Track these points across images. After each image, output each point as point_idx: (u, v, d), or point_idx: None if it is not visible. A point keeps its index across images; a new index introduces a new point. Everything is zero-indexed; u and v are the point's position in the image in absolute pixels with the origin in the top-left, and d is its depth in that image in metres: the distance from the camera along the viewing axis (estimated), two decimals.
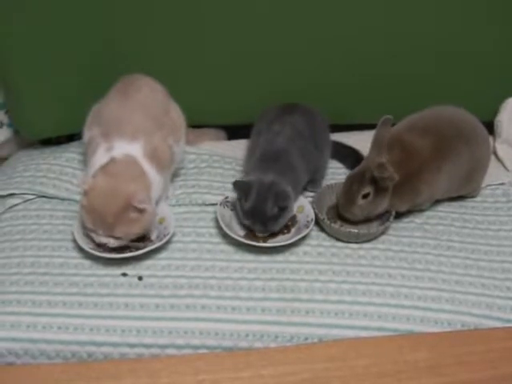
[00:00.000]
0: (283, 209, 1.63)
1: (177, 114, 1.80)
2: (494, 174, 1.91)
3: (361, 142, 1.96)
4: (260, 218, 1.62)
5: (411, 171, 1.67)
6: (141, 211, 1.53)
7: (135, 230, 1.56)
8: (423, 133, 1.71)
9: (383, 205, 1.68)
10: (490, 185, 1.90)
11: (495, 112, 2.05)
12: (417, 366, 1.37)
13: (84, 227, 1.59)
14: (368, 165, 1.65)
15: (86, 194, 1.53)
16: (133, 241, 1.58)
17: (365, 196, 1.65)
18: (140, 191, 1.54)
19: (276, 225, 1.64)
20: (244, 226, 1.69)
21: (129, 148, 1.62)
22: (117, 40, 1.89)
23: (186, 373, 1.36)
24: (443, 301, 1.54)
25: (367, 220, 1.72)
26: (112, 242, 1.55)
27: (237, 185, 1.66)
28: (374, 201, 1.66)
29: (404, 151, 1.68)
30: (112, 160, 1.60)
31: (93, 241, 1.59)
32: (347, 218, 1.71)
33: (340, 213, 1.71)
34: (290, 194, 1.65)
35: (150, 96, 1.73)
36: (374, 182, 1.63)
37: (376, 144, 1.66)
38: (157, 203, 1.66)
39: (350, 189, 1.67)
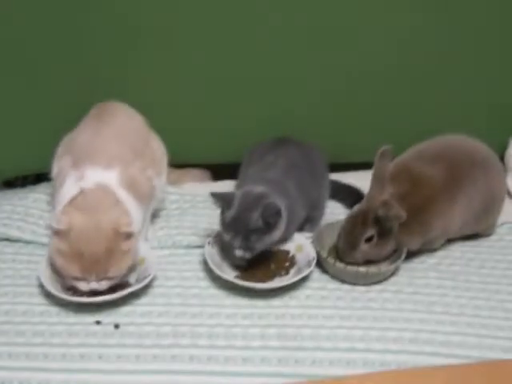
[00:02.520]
0: (270, 225, 1.44)
1: (157, 145, 1.64)
2: (507, 211, 1.74)
3: (358, 181, 1.81)
4: (241, 231, 1.43)
5: (421, 203, 1.50)
6: (130, 237, 1.36)
7: (129, 263, 1.40)
8: (433, 160, 1.56)
9: (388, 248, 1.51)
10: (505, 223, 1.74)
11: (505, 146, 1.92)
12: None
13: (62, 276, 1.40)
14: (370, 204, 1.47)
15: (61, 236, 1.34)
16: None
17: (368, 240, 1.48)
18: (122, 215, 1.38)
19: (259, 242, 1.44)
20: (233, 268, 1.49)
21: (102, 176, 1.44)
22: (91, 76, 1.75)
23: None
24: (469, 346, 1.35)
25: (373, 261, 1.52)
26: (105, 285, 1.37)
27: (215, 196, 1.48)
28: (377, 244, 1.49)
29: (412, 181, 1.52)
30: (81, 192, 1.41)
31: (70, 288, 1.41)
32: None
33: (341, 258, 1.52)
34: (281, 209, 1.45)
35: (126, 123, 1.58)
36: (378, 222, 1.46)
37: (377, 179, 1.49)
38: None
39: (351, 232, 1.49)
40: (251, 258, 1.47)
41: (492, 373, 1.27)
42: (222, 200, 1.46)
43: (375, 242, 1.48)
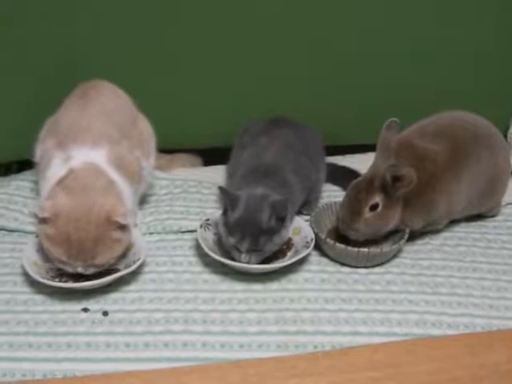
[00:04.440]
0: (280, 222, 1.36)
1: (145, 126, 1.57)
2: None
3: (354, 165, 1.76)
4: (251, 231, 1.34)
5: (425, 181, 1.42)
6: (123, 228, 1.28)
7: (118, 253, 1.32)
8: (436, 137, 1.49)
9: (393, 220, 1.43)
10: (510, 203, 1.68)
11: (507, 125, 1.86)
12: (497, 370, 1.12)
13: (50, 260, 1.32)
14: (375, 172, 1.39)
15: (48, 221, 1.26)
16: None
17: (373, 207, 1.39)
18: (118, 203, 1.29)
19: (270, 243, 1.36)
20: (226, 252, 1.40)
21: (90, 155, 1.36)
22: (73, 58, 1.67)
23: None
24: (479, 328, 1.28)
25: (374, 242, 1.45)
26: (91, 271, 1.30)
27: (223, 190, 1.38)
28: (382, 214, 1.40)
29: (415, 158, 1.44)
30: (70, 172, 1.32)
31: (55, 276, 1.34)
32: (350, 236, 1.44)
33: (341, 231, 1.44)
34: (288, 206, 1.37)
35: (112, 101, 1.50)
36: (384, 191, 1.37)
37: (382, 149, 1.43)
38: None
39: (355, 198, 1.41)
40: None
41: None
42: (229, 198, 1.37)
43: (380, 212, 1.40)
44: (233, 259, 1.37)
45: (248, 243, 1.34)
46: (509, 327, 1.29)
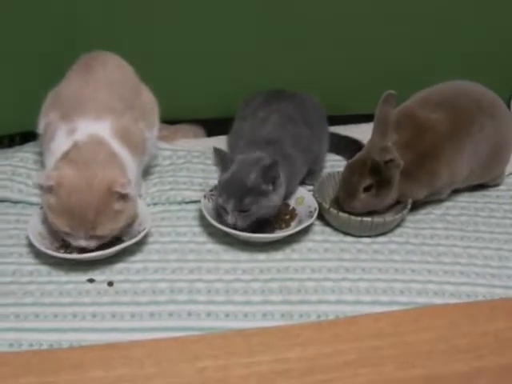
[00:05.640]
0: (271, 184, 1.36)
1: (148, 97, 1.56)
2: None
3: (358, 135, 1.74)
4: (237, 191, 1.34)
5: (427, 151, 1.43)
6: (124, 198, 1.28)
7: (120, 224, 1.31)
8: (439, 106, 1.49)
9: (389, 198, 1.44)
10: None
11: (510, 94, 1.87)
12: (498, 339, 1.13)
13: (55, 231, 1.33)
14: (370, 151, 1.39)
15: (52, 191, 1.27)
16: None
17: (366, 189, 1.40)
18: (119, 174, 1.29)
19: (256, 205, 1.35)
20: (222, 219, 1.40)
21: (94, 127, 1.35)
22: (76, 26, 1.66)
23: (181, 359, 1.11)
24: (480, 297, 1.30)
25: (377, 211, 1.46)
26: (93, 244, 1.30)
27: (217, 151, 1.40)
28: (377, 194, 1.41)
29: (417, 128, 1.45)
30: (75, 145, 1.32)
31: (60, 247, 1.36)
32: (350, 211, 1.44)
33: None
34: (279, 170, 1.37)
35: (116, 72, 1.49)
36: (377, 171, 1.38)
37: (379, 124, 1.41)
38: None
39: (349, 180, 1.42)
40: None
41: None
42: (223, 159, 1.38)
43: (374, 192, 1.41)
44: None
45: (233, 203, 1.34)
46: (510, 296, 1.29)
